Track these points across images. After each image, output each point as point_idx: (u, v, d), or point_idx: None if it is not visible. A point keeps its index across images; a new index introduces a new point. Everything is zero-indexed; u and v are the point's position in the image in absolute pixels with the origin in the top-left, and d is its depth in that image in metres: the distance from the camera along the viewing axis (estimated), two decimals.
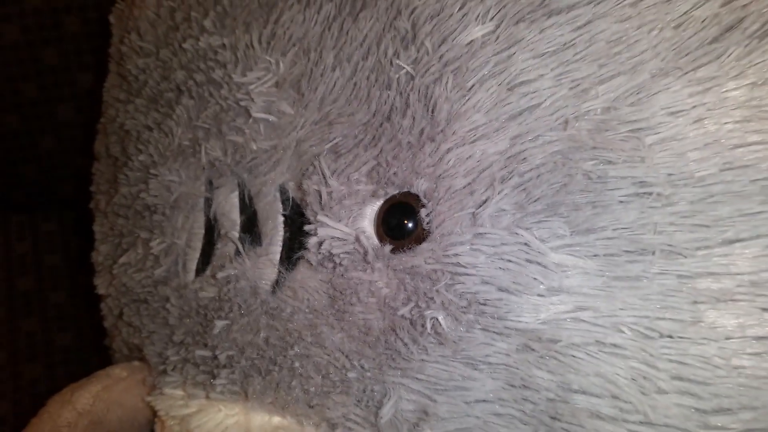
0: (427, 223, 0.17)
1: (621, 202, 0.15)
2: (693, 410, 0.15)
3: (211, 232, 0.21)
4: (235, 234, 0.20)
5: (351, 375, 0.17)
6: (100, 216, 0.27)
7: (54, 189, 0.58)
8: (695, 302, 0.14)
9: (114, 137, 0.26)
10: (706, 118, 0.15)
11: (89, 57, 0.54)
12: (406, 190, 0.17)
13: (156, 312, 0.22)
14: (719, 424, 0.15)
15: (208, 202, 0.21)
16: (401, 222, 0.17)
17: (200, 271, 0.21)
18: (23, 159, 0.56)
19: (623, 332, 0.15)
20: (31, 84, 0.54)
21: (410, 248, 0.17)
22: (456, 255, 0.16)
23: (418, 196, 0.17)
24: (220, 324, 0.20)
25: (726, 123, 0.15)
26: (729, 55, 0.16)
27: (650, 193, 0.15)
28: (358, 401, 0.17)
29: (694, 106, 0.15)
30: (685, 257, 0.15)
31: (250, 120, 0.20)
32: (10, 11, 0.51)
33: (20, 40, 0.52)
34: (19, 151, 0.56)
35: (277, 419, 0.19)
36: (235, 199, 0.21)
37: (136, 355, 0.25)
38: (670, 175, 0.15)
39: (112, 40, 0.29)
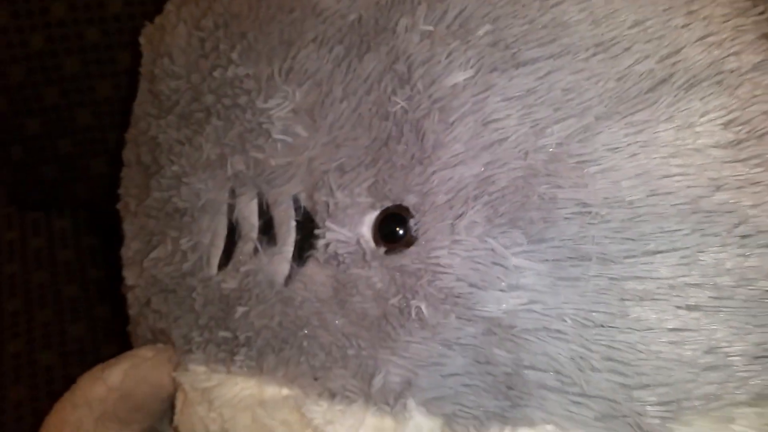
0: (415, 231, 0.21)
1: (566, 218, 0.19)
2: (620, 385, 0.19)
3: (233, 233, 0.25)
4: (254, 235, 0.24)
5: (350, 352, 0.21)
6: (130, 216, 0.31)
7: (69, 189, 0.62)
8: (623, 299, 0.19)
9: (145, 147, 0.30)
10: (639, 153, 0.19)
11: (108, 66, 0.58)
12: (398, 203, 0.21)
13: (183, 300, 0.26)
14: (640, 397, 0.19)
15: (231, 207, 0.25)
16: (394, 229, 0.21)
17: (222, 265, 0.26)
18: (42, 161, 0.60)
19: (565, 321, 0.19)
20: (53, 89, 0.58)
21: (400, 251, 0.21)
22: (437, 257, 0.20)
23: (408, 209, 0.21)
24: (240, 310, 0.24)
25: (655, 158, 0.19)
26: (660, 103, 0.20)
27: (590, 212, 0.19)
28: (354, 374, 0.21)
29: (629, 144, 0.19)
30: (616, 264, 0.19)
31: (270, 140, 0.24)
32: (36, 22, 0.55)
33: (44, 49, 0.56)
34: (38, 153, 0.60)
35: (286, 390, 0.23)
36: (254, 206, 0.25)
37: (160, 339, 0.29)
38: (606, 198, 0.19)
39: (143, 60, 0.33)
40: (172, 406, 0.29)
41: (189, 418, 0.26)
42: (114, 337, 0.56)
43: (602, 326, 0.19)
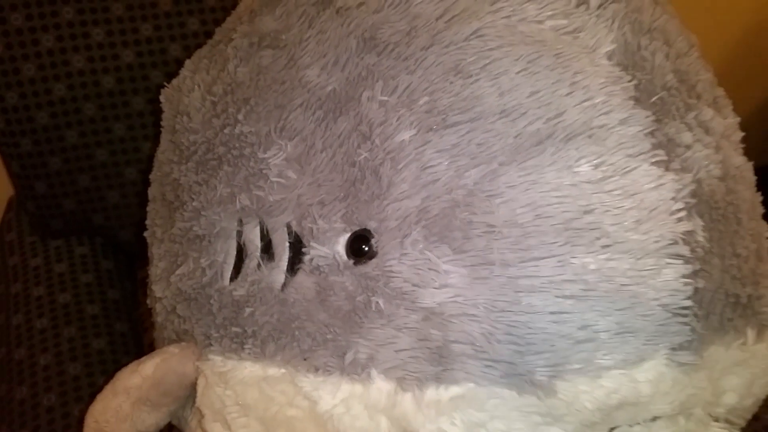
0: (375, 247, 0.30)
1: (478, 236, 0.28)
2: (516, 352, 0.27)
3: (241, 253, 0.34)
4: (258, 254, 0.33)
5: (329, 338, 0.30)
6: (157, 242, 0.39)
7: (87, 219, 0.71)
8: (517, 292, 0.27)
9: (169, 187, 0.39)
10: (529, 189, 0.28)
11: (123, 110, 0.67)
12: (363, 227, 0.30)
13: (202, 306, 0.35)
14: (531, 361, 0.27)
15: (239, 233, 0.34)
16: (360, 246, 0.30)
17: (233, 278, 0.34)
18: (63, 194, 0.69)
19: (478, 308, 0.27)
20: (74, 131, 0.66)
21: (365, 262, 0.30)
22: (390, 266, 0.29)
23: (370, 231, 0.30)
24: (248, 310, 0.32)
25: (540, 192, 0.28)
26: (546, 153, 0.28)
27: (494, 231, 0.27)
28: (332, 354, 0.30)
29: (522, 183, 0.28)
30: (512, 267, 0.27)
31: (268, 182, 0.33)
32: (58, 72, 0.64)
33: (66, 97, 0.65)
34: (59, 187, 0.68)
35: (283, 369, 0.31)
36: (257, 231, 0.33)
37: (183, 338, 0.37)
38: (505, 221, 0.27)
39: (164, 115, 0.42)
40: (193, 393, 0.37)
41: (209, 397, 0.34)
42: (132, 349, 0.64)
43: (503, 311, 0.27)
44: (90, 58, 0.64)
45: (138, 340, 0.67)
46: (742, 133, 0.35)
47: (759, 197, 0.36)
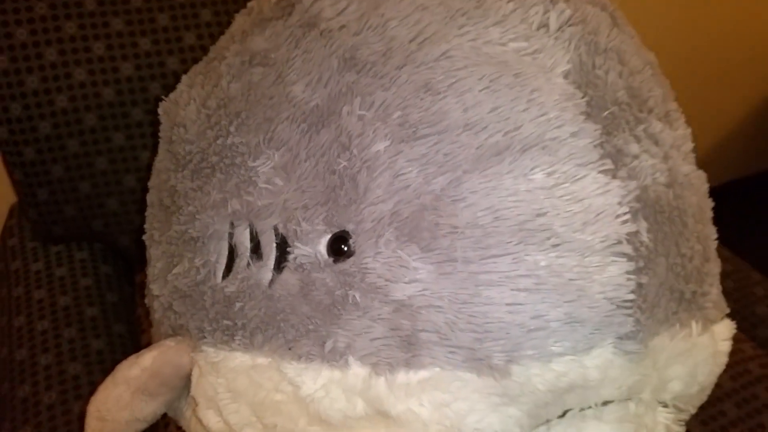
0: (353, 247, 0.33)
1: (444, 236, 0.31)
2: (476, 339, 0.31)
3: (232, 253, 0.38)
4: (247, 254, 0.37)
5: (310, 328, 0.33)
6: (155, 244, 0.43)
7: (87, 225, 0.74)
8: (477, 285, 0.31)
9: (166, 193, 0.42)
10: (490, 194, 0.32)
11: (122, 120, 0.70)
12: (342, 229, 0.34)
13: (197, 302, 0.38)
14: (489, 347, 0.31)
15: (231, 235, 0.38)
16: (340, 246, 0.34)
17: (225, 276, 0.38)
18: (65, 201, 0.72)
19: (443, 300, 0.31)
20: (75, 141, 0.70)
21: (344, 260, 0.33)
22: (366, 263, 0.32)
23: (348, 232, 0.33)
24: (238, 305, 0.36)
25: (499, 197, 0.31)
26: (504, 162, 0.32)
27: (457, 232, 0.31)
28: (314, 343, 0.33)
29: (483, 188, 0.32)
30: (473, 263, 0.31)
31: (257, 188, 0.36)
32: (60, 84, 0.68)
33: (68, 108, 0.69)
34: (61, 194, 0.72)
35: (269, 358, 0.35)
36: (247, 234, 0.37)
37: (179, 333, 0.41)
38: (467, 223, 0.31)
39: (162, 126, 0.45)
40: (188, 386, 0.41)
41: (203, 385, 0.38)
42: (130, 350, 0.68)
43: (465, 303, 0.31)
44: (91, 71, 0.68)
45: (136, 341, 0.70)
46: (693, 144, 0.39)
47: (709, 203, 0.40)
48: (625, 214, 0.32)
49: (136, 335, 0.71)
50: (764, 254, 1.50)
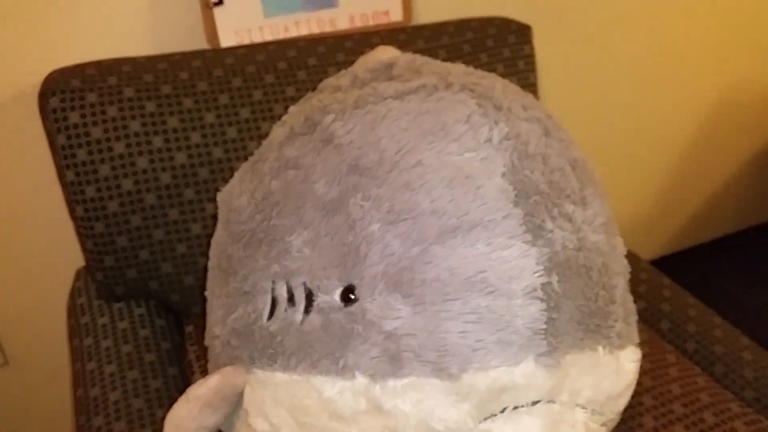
0: (357, 296, 0.51)
1: (417, 286, 0.49)
2: (439, 356, 0.48)
3: (274, 302, 0.56)
4: (285, 303, 0.54)
5: (329, 352, 0.51)
6: (215, 297, 0.61)
7: (145, 286, 0.93)
8: (439, 320, 0.48)
9: (224, 260, 0.61)
10: (448, 258, 0.49)
11: (176, 199, 0.89)
12: (350, 284, 0.51)
13: (248, 337, 0.56)
14: (447, 361, 0.48)
15: (273, 289, 0.56)
16: (348, 295, 0.51)
17: (269, 318, 0.55)
18: (127, 266, 0.91)
19: (416, 330, 0.48)
20: (137, 216, 0.89)
21: (351, 305, 0.51)
22: (365, 306, 0.50)
23: (354, 286, 0.51)
24: (278, 338, 0.53)
25: (455, 260, 0.49)
26: (458, 237, 0.50)
27: (425, 284, 0.49)
28: (331, 362, 0.51)
29: (444, 255, 0.49)
30: (437, 305, 0.48)
31: (291, 256, 0.54)
32: (126, 171, 0.87)
33: (132, 189, 0.88)
34: (124, 261, 0.91)
35: (301, 376, 0.52)
36: (284, 288, 0.55)
37: (234, 362, 0.58)
38: (433, 278, 0.49)
39: (220, 211, 0.64)
40: (240, 402, 0.58)
41: (254, 398, 0.55)
42: (182, 388, 0.85)
43: (431, 332, 0.48)
44: (151, 160, 0.88)
45: (187, 381, 0.88)
46: (603, 219, 0.57)
47: (621, 261, 0.57)
48: (540, 270, 0.49)
49: (187, 376, 0.89)
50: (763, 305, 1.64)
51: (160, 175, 0.89)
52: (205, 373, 0.88)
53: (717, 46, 1.52)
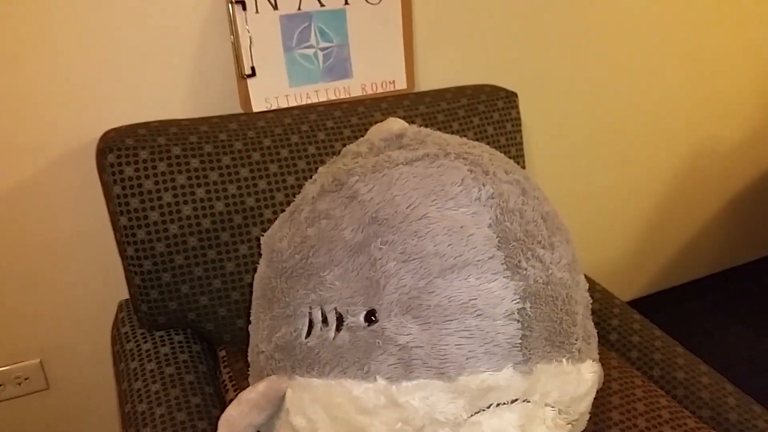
0: (377, 317, 0.68)
1: (424, 310, 0.66)
2: (441, 363, 0.64)
3: (311, 323, 0.72)
4: (320, 324, 0.71)
5: (356, 361, 0.67)
6: (261, 321, 0.78)
7: (184, 316, 1.10)
8: (440, 335, 0.65)
9: (269, 291, 0.77)
10: (447, 288, 0.66)
11: (214, 241, 1.06)
12: (372, 308, 0.68)
13: (290, 351, 0.72)
14: (447, 366, 0.64)
15: (310, 313, 0.72)
16: (370, 318, 0.68)
17: (307, 336, 0.72)
18: (170, 299, 1.08)
19: (423, 343, 0.65)
20: (180, 256, 1.06)
21: (373, 325, 0.68)
22: (384, 326, 0.67)
23: (375, 310, 0.68)
24: (315, 351, 0.70)
25: (452, 290, 0.66)
26: (454, 272, 0.67)
27: (430, 308, 0.65)
28: (358, 369, 0.67)
29: (445, 286, 0.66)
30: (438, 324, 0.65)
31: (325, 287, 0.71)
32: (173, 217, 1.04)
33: (177, 233, 1.05)
34: (167, 294, 1.07)
35: (334, 380, 0.69)
36: (319, 313, 0.72)
37: (277, 372, 0.75)
38: (436, 304, 0.65)
39: (263, 251, 0.81)
40: (282, 404, 0.74)
41: (295, 399, 0.72)
42: (218, 405, 1.01)
43: (434, 344, 0.65)
44: (194, 208, 1.05)
45: (222, 399, 1.04)
46: (567, 260, 0.74)
47: (582, 293, 0.75)
48: (516, 299, 0.66)
49: (221, 394, 1.05)
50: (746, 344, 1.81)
51: (201, 220, 1.06)
52: (238, 390, 1.04)
53: (690, 107, 1.72)
